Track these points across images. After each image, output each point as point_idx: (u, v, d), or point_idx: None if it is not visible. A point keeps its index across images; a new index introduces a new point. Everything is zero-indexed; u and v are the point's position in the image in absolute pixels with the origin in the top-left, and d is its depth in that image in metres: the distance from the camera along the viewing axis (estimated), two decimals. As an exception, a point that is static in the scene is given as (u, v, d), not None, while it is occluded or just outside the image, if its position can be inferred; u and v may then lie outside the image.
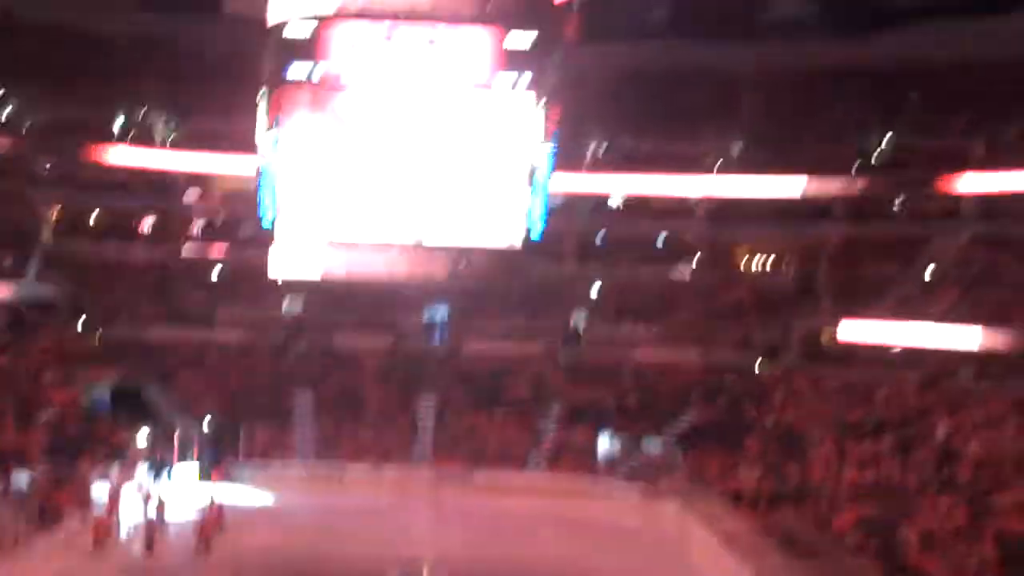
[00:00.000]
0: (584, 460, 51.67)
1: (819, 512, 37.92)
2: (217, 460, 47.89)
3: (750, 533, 37.84)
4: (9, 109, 63.89)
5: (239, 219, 63.64)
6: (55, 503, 38.48)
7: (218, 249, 65.84)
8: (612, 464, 51.48)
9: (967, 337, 49.64)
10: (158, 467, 45.92)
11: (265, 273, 52.26)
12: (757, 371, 57.38)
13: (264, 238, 51.92)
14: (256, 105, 49.47)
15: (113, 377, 53.55)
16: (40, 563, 34.35)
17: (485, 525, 43.76)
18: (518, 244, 49.59)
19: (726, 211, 66.12)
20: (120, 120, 67.46)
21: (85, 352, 55.53)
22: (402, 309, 61.10)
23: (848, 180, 62.83)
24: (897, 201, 63.45)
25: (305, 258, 50.87)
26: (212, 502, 39.58)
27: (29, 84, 62.84)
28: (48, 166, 65.20)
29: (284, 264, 51.27)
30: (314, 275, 51.79)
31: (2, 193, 61.82)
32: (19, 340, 53.54)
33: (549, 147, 48.87)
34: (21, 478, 38.84)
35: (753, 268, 67.74)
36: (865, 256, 60.43)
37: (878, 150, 63.63)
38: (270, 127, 49.41)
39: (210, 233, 67.41)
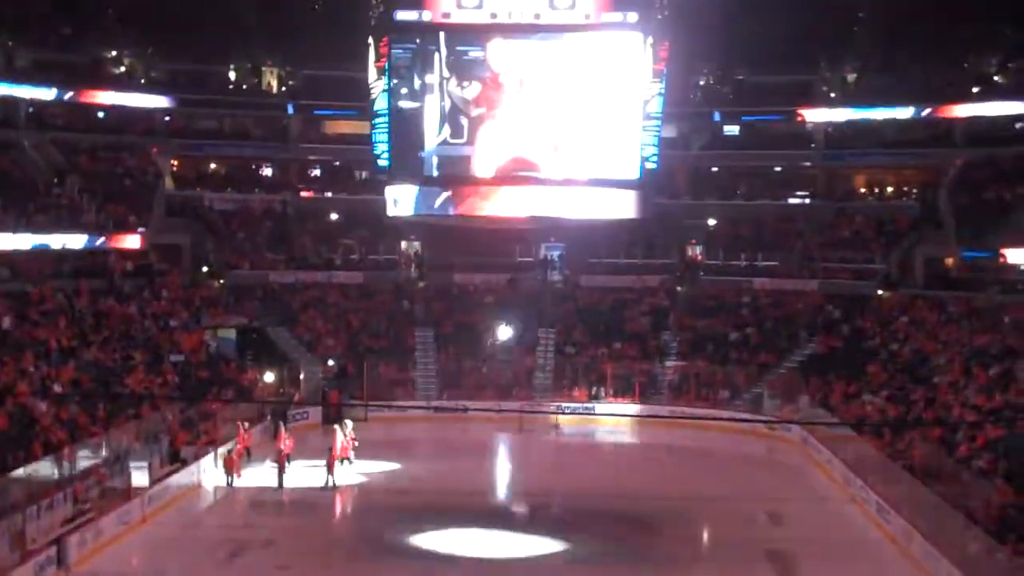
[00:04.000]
0: (705, 391, 51.09)
1: (945, 437, 36.83)
2: (341, 398, 48.22)
3: (875, 459, 37.01)
4: (128, 63, 64.77)
5: (356, 162, 63.89)
6: (185, 443, 39.07)
7: (335, 193, 66.30)
8: (734, 393, 50.87)
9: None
10: (284, 407, 46.33)
11: (382, 215, 52.44)
12: (879, 299, 55.97)
13: (379, 181, 52.08)
14: (367, 51, 49.44)
15: (238, 321, 54.20)
16: (169, 502, 34.96)
17: (607, 457, 43.59)
18: (634, 179, 49.10)
19: (843, 139, 64.71)
20: (235, 71, 68.23)
21: (210, 297, 56.23)
22: (522, 244, 60.90)
23: (969, 103, 60.93)
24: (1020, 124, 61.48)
25: (420, 198, 50.90)
26: (338, 439, 39.80)
27: (147, 39, 63.71)
28: (167, 118, 65.92)
29: (400, 205, 51.36)
30: (430, 215, 51.86)
31: (123, 144, 62.85)
32: (147, 287, 54.34)
33: (661, 82, 48.18)
34: (153, 420, 39.40)
35: (872, 195, 66.23)
36: (987, 180, 58.48)
37: (999, 71, 61.54)
38: (380, 71, 49.39)
39: (328, 178, 67.95)
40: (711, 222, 64.03)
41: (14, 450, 32.68)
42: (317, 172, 70.13)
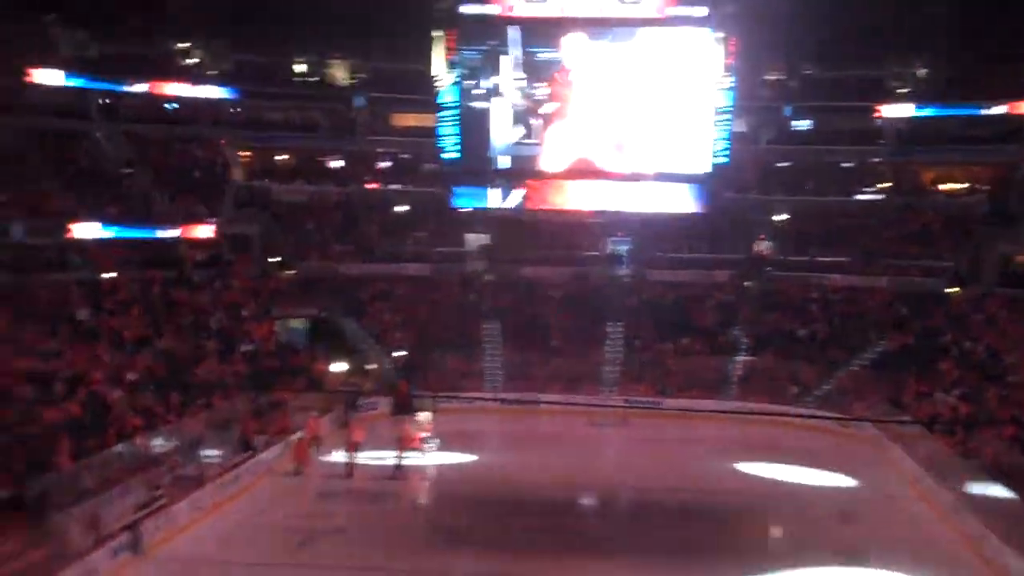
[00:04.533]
0: (773, 387, 50.56)
1: (1018, 435, 36.23)
2: (409, 389, 48.26)
3: (947, 458, 36.50)
4: (198, 56, 65.32)
5: (423, 157, 63.94)
6: (256, 432, 39.27)
7: (403, 186, 66.44)
8: (803, 390, 50.33)
9: None
10: (352, 397, 46.44)
11: (450, 208, 52.48)
12: (950, 296, 55.17)
13: (447, 175, 52.11)
14: (433, 43, 49.52)
15: (308, 311, 54.47)
16: (240, 489, 35.17)
17: (674, 451, 43.28)
18: (702, 173, 48.89)
19: (914, 135, 63.81)
20: (303, 63, 68.59)
21: (280, 288, 56.54)
22: (588, 239, 60.65)
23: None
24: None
25: (487, 192, 50.89)
26: (406, 429, 39.88)
27: (216, 32, 64.18)
28: (236, 110, 66.39)
29: (467, 198, 51.39)
30: (499, 208, 51.86)
31: (193, 136, 63.37)
32: (219, 277, 54.75)
33: (730, 76, 47.89)
34: (224, 409, 39.66)
35: (943, 192, 65.29)
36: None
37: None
38: (448, 64, 49.44)
39: (395, 171, 68.10)
40: (779, 217, 63.37)
41: (89, 437, 33.01)
42: (385, 164, 70.15)
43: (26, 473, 29.03)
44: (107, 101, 61.83)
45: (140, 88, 61.92)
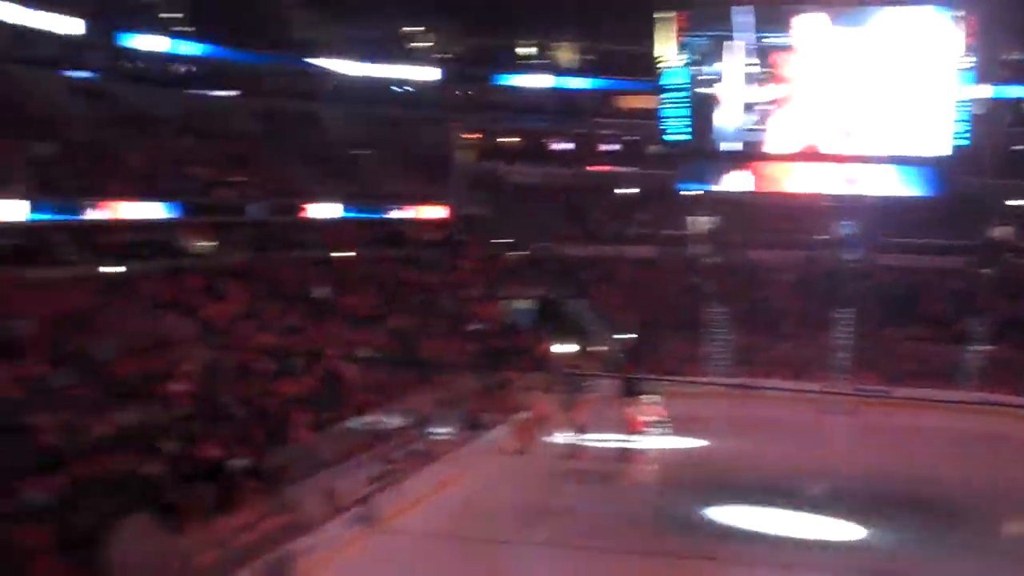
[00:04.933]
0: (1011, 377, 48.29)
1: None
2: (634, 372, 47.94)
3: None
4: (426, 38, 66.54)
5: (646, 139, 63.52)
6: (483, 410, 39.62)
7: (627, 168, 66.17)
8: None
9: None
10: (578, 378, 46.39)
11: (674, 190, 51.98)
12: None
13: (670, 157, 51.63)
14: (656, 26, 49.10)
15: (534, 292, 54.75)
16: (468, 466, 35.48)
17: (907, 441, 41.76)
18: (939, 156, 47.20)
19: None
20: (530, 47, 69.01)
21: (507, 269, 57.00)
22: (817, 222, 59.09)
23: None
24: None
25: (715, 174, 50.23)
26: (631, 412, 39.61)
27: (442, 14, 65.09)
28: (467, 92, 67.28)
29: (693, 180, 50.82)
30: (725, 191, 51.12)
31: (422, 120, 64.46)
32: (448, 258, 55.61)
33: (967, 58, 46.06)
34: (453, 387, 40.08)
35: None
36: None
37: None
38: (677, 47, 48.97)
39: (619, 153, 67.90)
40: (1016, 203, 60.49)
41: (324, 411, 33.87)
42: (611, 147, 69.94)
43: (265, 445, 29.96)
44: (337, 83, 63.55)
45: (368, 70, 63.49)
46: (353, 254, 52.35)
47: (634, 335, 52.38)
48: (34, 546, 21.21)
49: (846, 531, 30.04)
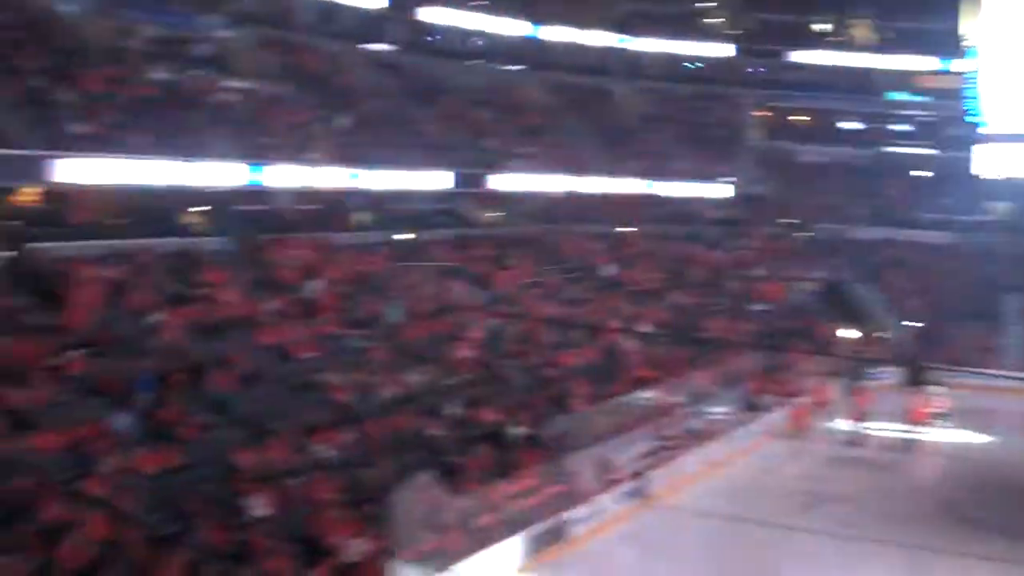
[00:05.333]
0: None
1: None
2: (920, 361, 46.30)
3: None
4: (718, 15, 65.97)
5: (944, 120, 61.15)
6: (761, 391, 39.14)
7: (922, 150, 63.88)
8: None
9: None
10: (862, 364, 45.18)
11: (970, 174, 49.85)
12: None
13: (971, 138, 49.54)
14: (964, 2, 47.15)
15: (820, 274, 53.67)
16: (744, 447, 35.19)
17: None
18: None
19: None
20: (823, 23, 67.43)
21: (794, 249, 56.05)
22: None
23: None
24: None
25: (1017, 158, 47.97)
26: (916, 403, 38.37)
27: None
28: (759, 69, 66.39)
29: (992, 164, 48.63)
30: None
31: (712, 95, 64.01)
32: (733, 236, 55.15)
33: None
34: (733, 366, 39.66)
35: None
36: None
37: None
38: (980, 24, 46.97)
39: (913, 134, 65.62)
40: None
41: (603, 383, 34.19)
42: (904, 127, 67.58)
43: (544, 413, 30.49)
44: (629, 59, 63.81)
45: (661, 47, 63.52)
46: (637, 229, 52.51)
47: (922, 323, 50.53)
48: (324, 499, 22.27)
49: None
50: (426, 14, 55.72)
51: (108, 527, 17.94)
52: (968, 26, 48.90)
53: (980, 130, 49.45)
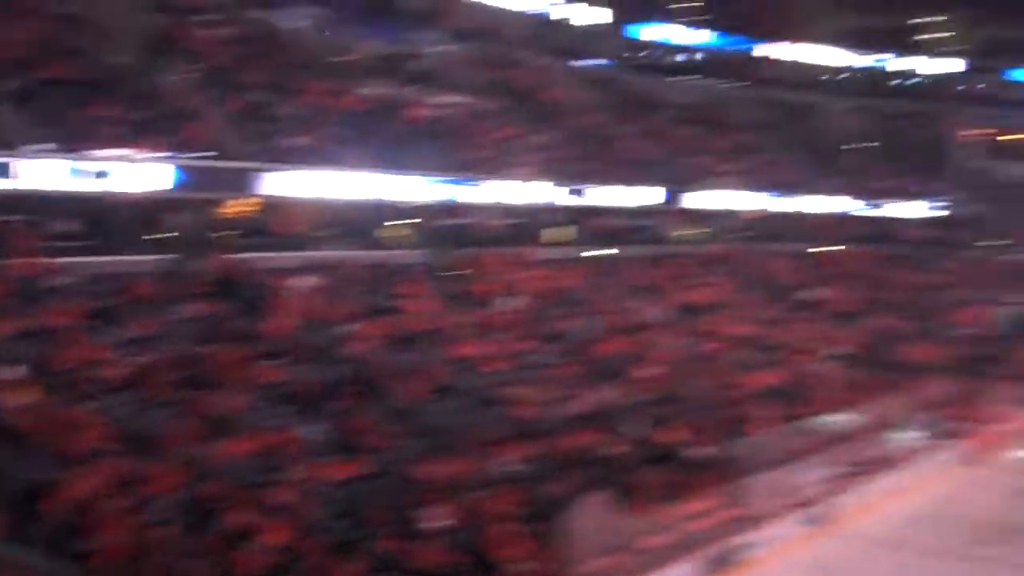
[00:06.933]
0: None
1: None
2: None
3: None
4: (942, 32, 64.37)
5: None
6: (956, 418, 38.21)
7: None
8: None
9: None
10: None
11: None
12: None
13: None
14: None
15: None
16: (930, 476, 34.39)
17: None
18: None
19: None
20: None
21: (998, 273, 54.37)
22: None
23: None
24: None
25: None
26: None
27: (959, 8, 62.65)
28: (978, 86, 64.60)
29: None
30: None
31: (923, 113, 62.56)
32: (939, 257, 53.94)
33: None
34: (928, 391, 38.79)
35: None
36: None
37: None
38: None
39: None
40: None
41: (791, 405, 33.96)
42: None
43: (725, 435, 30.50)
44: (839, 75, 62.89)
45: (877, 61, 62.45)
46: (840, 248, 51.87)
47: None
48: (502, 512, 22.91)
49: None
50: (640, 30, 56.21)
51: (289, 534, 18.95)
52: None
53: None
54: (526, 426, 27.51)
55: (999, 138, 65.34)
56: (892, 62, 64.23)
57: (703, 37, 59.39)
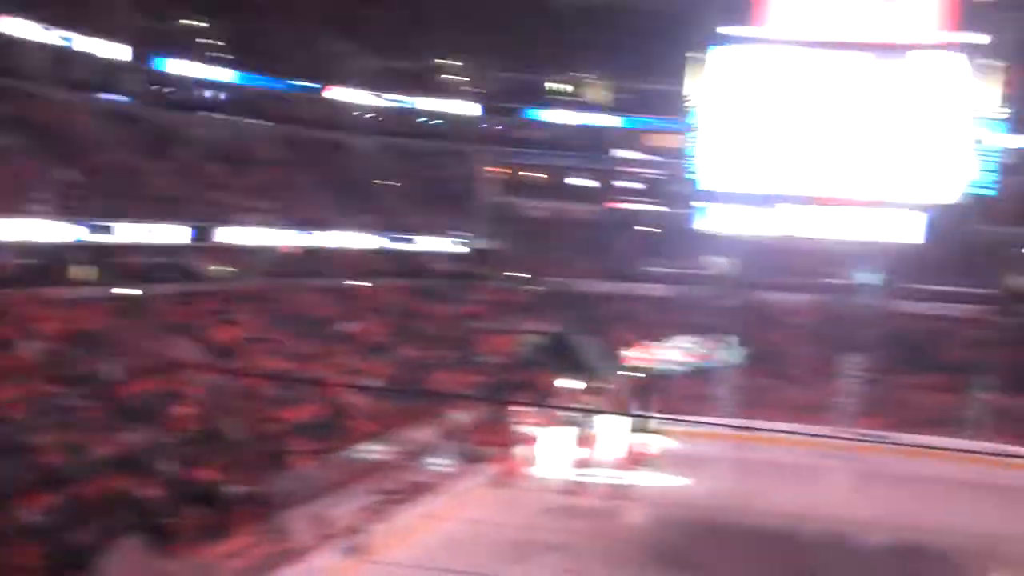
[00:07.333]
0: (1021, 428, 48.20)
1: None
2: (639, 410, 48.16)
3: None
4: (461, 75, 67.47)
5: (669, 177, 63.98)
6: (483, 443, 40.07)
7: (648, 206, 66.65)
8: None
9: None
10: (583, 414, 46.69)
11: (692, 230, 52.38)
12: None
13: (692, 196, 52.10)
14: (688, 65, 49.78)
15: (548, 327, 55.13)
16: (464, 499, 35.95)
17: (907, 489, 42.00)
18: (955, 203, 47.64)
19: None
20: (560, 83, 69.81)
21: (523, 303, 57.48)
22: (833, 267, 59.22)
23: None
24: None
25: (734, 215, 50.71)
26: (631, 450, 40.05)
27: (479, 51, 65.75)
28: (496, 126, 68.17)
29: (712, 221, 51.30)
30: (742, 232, 51.57)
31: (448, 152, 65.32)
32: (464, 290, 56.19)
33: (1002, 107, 46.60)
34: (455, 418, 40.55)
35: None
36: None
37: None
38: (701, 87, 49.64)
39: (641, 191, 68.39)
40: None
41: (327, 438, 34.44)
42: (635, 184, 70.38)
43: (264, 470, 30.53)
44: (366, 113, 64.57)
45: (397, 102, 64.57)
46: (369, 283, 53.11)
47: (645, 374, 52.51)
48: (24, 565, 21.80)
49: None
50: (164, 65, 55.31)
51: None
52: (690, 88, 51.47)
53: (698, 188, 52.03)
54: (52, 473, 26.34)
55: (519, 175, 69.12)
56: (419, 103, 66.53)
57: (230, 75, 59.17)
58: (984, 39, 46.52)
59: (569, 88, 70.63)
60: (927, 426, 47.69)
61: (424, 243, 58.13)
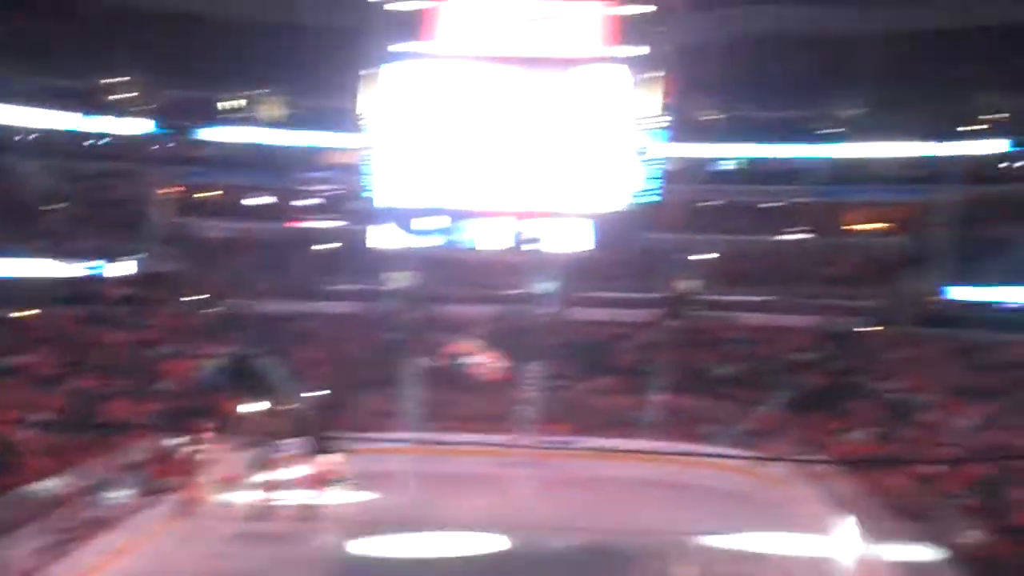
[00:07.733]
0: (692, 427, 51.03)
1: (928, 475, 37.15)
2: (324, 430, 48.25)
3: (859, 496, 37.24)
4: (130, 93, 65.74)
5: (347, 194, 64.38)
6: (165, 473, 39.35)
7: (327, 224, 66.87)
8: (721, 429, 50.87)
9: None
10: (266, 437, 46.47)
11: (372, 246, 52.94)
12: (867, 336, 56.46)
13: (370, 212, 52.65)
14: (362, 82, 50.34)
15: (228, 350, 54.50)
16: (147, 532, 35.28)
17: (590, 492, 43.80)
18: (625, 211, 49.92)
19: (839, 175, 65.37)
20: (233, 100, 69.14)
21: (201, 326, 56.59)
22: (508, 278, 61.02)
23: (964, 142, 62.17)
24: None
25: (410, 230, 51.53)
26: (318, 470, 40.18)
27: (149, 69, 64.32)
28: (168, 145, 66.84)
29: (389, 237, 51.99)
30: (419, 247, 52.51)
31: (118, 172, 63.62)
32: (138, 315, 54.81)
33: (662, 116, 49.07)
34: (135, 449, 39.68)
35: (866, 233, 66.74)
36: (978, 218, 59.02)
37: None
38: (375, 103, 50.30)
39: (319, 208, 68.51)
40: (707, 257, 64.34)
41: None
42: (313, 202, 70.34)
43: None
44: (31, 136, 62.08)
45: (68, 122, 62.45)
46: (36, 312, 51.11)
47: (326, 392, 52.65)
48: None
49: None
50: None
51: None
52: (364, 104, 51.94)
53: (373, 204, 52.54)
54: None
55: (193, 195, 67.98)
56: (87, 122, 64.37)
57: None
58: (643, 50, 48.85)
59: (244, 105, 69.91)
60: (607, 429, 49.96)
61: (97, 268, 56.29)
